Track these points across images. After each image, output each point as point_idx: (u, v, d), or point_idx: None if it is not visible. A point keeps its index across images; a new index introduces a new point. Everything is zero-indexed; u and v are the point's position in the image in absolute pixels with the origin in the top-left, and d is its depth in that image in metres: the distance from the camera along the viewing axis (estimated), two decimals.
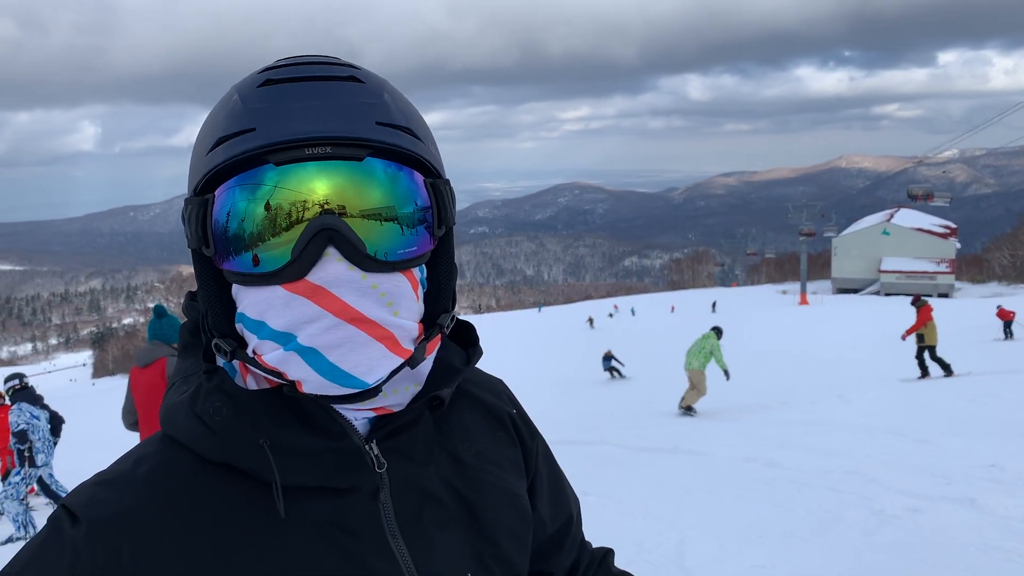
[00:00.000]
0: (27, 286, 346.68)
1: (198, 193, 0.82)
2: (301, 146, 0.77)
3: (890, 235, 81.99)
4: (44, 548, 0.82)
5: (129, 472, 0.86)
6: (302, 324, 0.78)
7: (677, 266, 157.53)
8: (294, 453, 0.83)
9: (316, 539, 0.84)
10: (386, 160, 0.80)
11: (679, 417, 13.89)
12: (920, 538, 5.64)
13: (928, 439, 9.11)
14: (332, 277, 0.78)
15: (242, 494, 0.84)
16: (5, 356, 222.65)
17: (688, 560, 5.60)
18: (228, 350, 0.84)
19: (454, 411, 1.01)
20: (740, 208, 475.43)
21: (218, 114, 0.83)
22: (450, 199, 0.88)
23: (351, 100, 0.80)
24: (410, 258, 0.82)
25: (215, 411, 0.84)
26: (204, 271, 0.85)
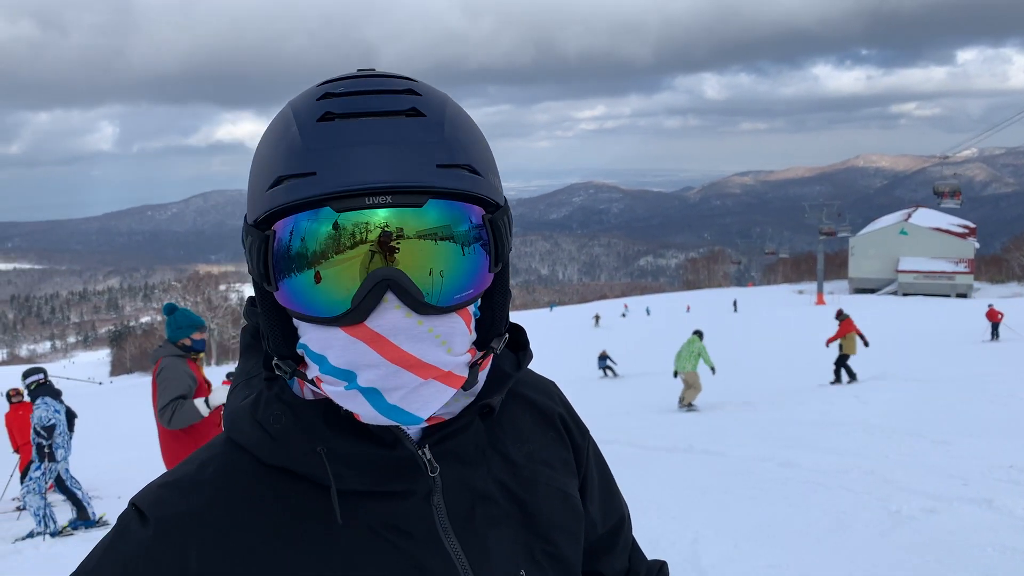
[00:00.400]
0: (46, 285, 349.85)
1: (258, 225, 0.83)
2: (361, 195, 0.78)
3: (908, 235, 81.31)
4: (115, 546, 0.86)
5: (195, 474, 0.90)
6: (362, 367, 0.81)
7: (692, 266, 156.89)
8: (349, 460, 0.87)
9: (372, 541, 0.87)
10: (446, 201, 0.81)
11: (692, 416, 13.87)
12: (936, 539, 5.60)
13: (946, 440, 9.05)
14: (390, 325, 0.80)
15: (301, 497, 0.87)
16: (24, 354, 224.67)
17: (702, 559, 5.59)
18: (289, 371, 0.88)
19: (505, 412, 1.03)
20: (756, 207, 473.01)
21: (277, 143, 0.83)
22: (507, 230, 0.88)
23: (411, 140, 0.80)
24: (465, 301, 0.84)
25: (275, 419, 0.87)
26: (265, 299, 0.87)
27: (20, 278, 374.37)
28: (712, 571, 5.34)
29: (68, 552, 7.55)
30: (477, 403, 0.94)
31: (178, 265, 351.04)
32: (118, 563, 0.85)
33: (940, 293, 72.33)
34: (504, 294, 0.93)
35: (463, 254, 0.82)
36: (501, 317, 0.93)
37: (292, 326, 0.88)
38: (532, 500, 0.99)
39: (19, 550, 8.04)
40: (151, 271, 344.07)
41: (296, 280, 0.80)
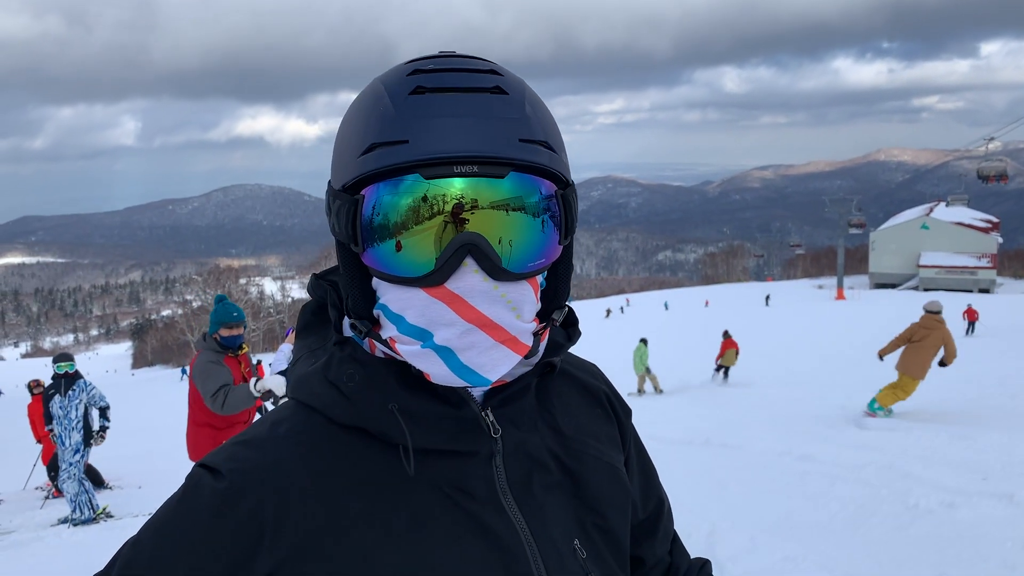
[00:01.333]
0: (69, 278, 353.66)
1: (346, 189, 0.88)
2: (450, 163, 0.82)
3: (929, 229, 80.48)
4: (186, 500, 0.89)
5: (267, 433, 0.93)
6: (439, 326, 0.86)
7: (711, 260, 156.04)
8: (419, 418, 0.90)
9: (438, 498, 0.90)
10: (525, 174, 0.86)
11: (710, 410, 13.82)
12: (955, 533, 5.56)
13: (967, 434, 8.97)
14: (468, 288, 0.85)
15: (372, 454, 0.91)
16: (48, 346, 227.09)
17: (718, 551, 5.58)
18: (364, 330, 0.92)
19: (554, 388, 1.07)
20: (776, 202, 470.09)
21: (369, 113, 0.87)
22: (576, 206, 0.94)
23: (496, 115, 0.85)
24: (537, 269, 0.89)
25: (348, 378, 0.92)
26: (347, 260, 0.92)
27: (44, 271, 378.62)
28: (729, 564, 5.33)
29: (90, 540, 7.63)
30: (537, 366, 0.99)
31: (199, 259, 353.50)
32: (190, 513, 0.88)
33: (962, 288, 71.44)
34: (568, 268, 0.98)
35: (537, 225, 0.87)
36: (564, 290, 0.98)
37: (371, 288, 0.92)
38: (582, 472, 1.02)
39: (41, 537, 8.14)
40: (172, 265, 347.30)
41: (383, 242, 0.85)
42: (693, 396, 16.72)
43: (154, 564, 0.87)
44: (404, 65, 0.90)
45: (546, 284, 0.97)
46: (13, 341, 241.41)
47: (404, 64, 0.90)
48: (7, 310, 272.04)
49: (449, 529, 0.89)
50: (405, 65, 0.90)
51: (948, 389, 13.23)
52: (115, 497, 10.25)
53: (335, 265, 1.00)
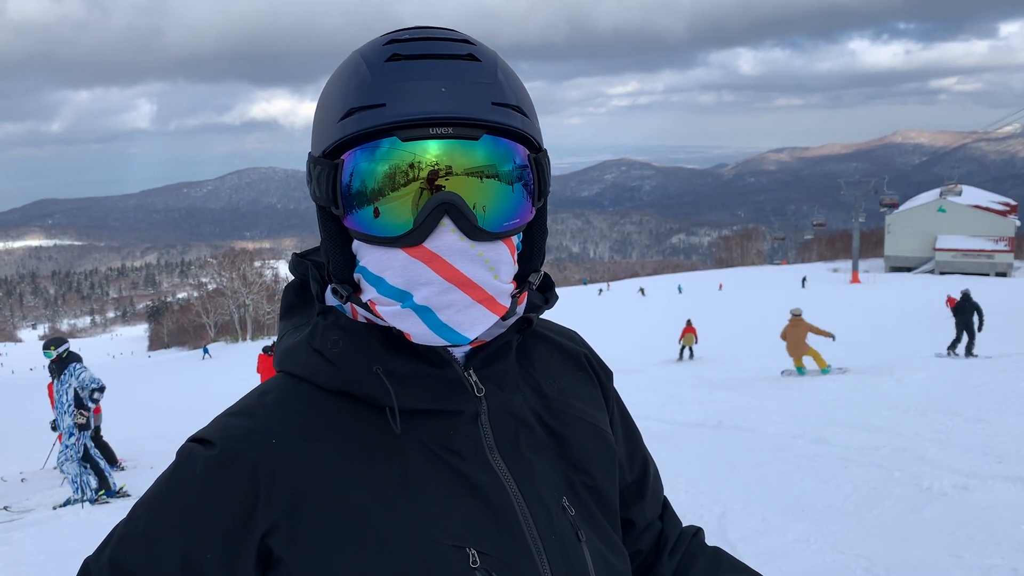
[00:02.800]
0: (85, 261, 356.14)
1: (326, 155, 0.91)
2: (426, 125, 0.85)
3: (946, 212, 79.71)
4: (179, 471, 0.91)
5: (256, 401, 0.96)
6: (418, 285, 0.88)
7: (726, 243, 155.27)
8: (404, 379, 0.93)
9: (426, 457, 0.92)
10: (498, 137, 0.89)
11: (724, 393, 13.80)
12: (968, 516, 5.55)
13: (982, 418, 8.93)
14: (446, 246, 0.87)
15: (360, 417, 0.93)
16: (65, 328, 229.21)
17: (730, 533, 5.59)
18: (345, 294, 0.94)
19: (535, 352, 1.09)
20: (791, 184, 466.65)
21: (348, 82, 0.90)
22: (549, 170, 0.97)
23: (470, 80, 0.88)
24: (513, 229, 0.92)
25: (332, 344, 0.94)
26: (328, 225, 0.94)
27: (60, 254, 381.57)
28: (740, 545, 5.34)
29: (106, 519, 7.73)
30: (514, 325, 1.01)
31: (214, 242, 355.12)
32: (184, 484, 0.90)
33: (979, 272, 70.85)
34: (542, 232, 1.01)
35: (510, 187, 0.90)
36: (539, 253, 1.01)
37: (351, 252, 0.94)
38: (566, 432, 1.03)
39: (60, 516, 8.25)
40: (187, 247, 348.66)
41: (363, 204, 0.87)
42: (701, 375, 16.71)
43: (149, 535, 0.89)
44: (382, 36, 0.93)
45: (522, 247, 0.99)
46: (31, 323, 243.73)
47: (382, 36, 0.93)
48: (25, 293, 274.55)
49: (439, 487, 0.91)
50: (383, 36, 0.93)
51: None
52: (129, 477, 10.37)
53: (316, 246, 1.04)
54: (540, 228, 1.01)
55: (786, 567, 4.89)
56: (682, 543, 1.22)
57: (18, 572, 6.10)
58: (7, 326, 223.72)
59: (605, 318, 39.91)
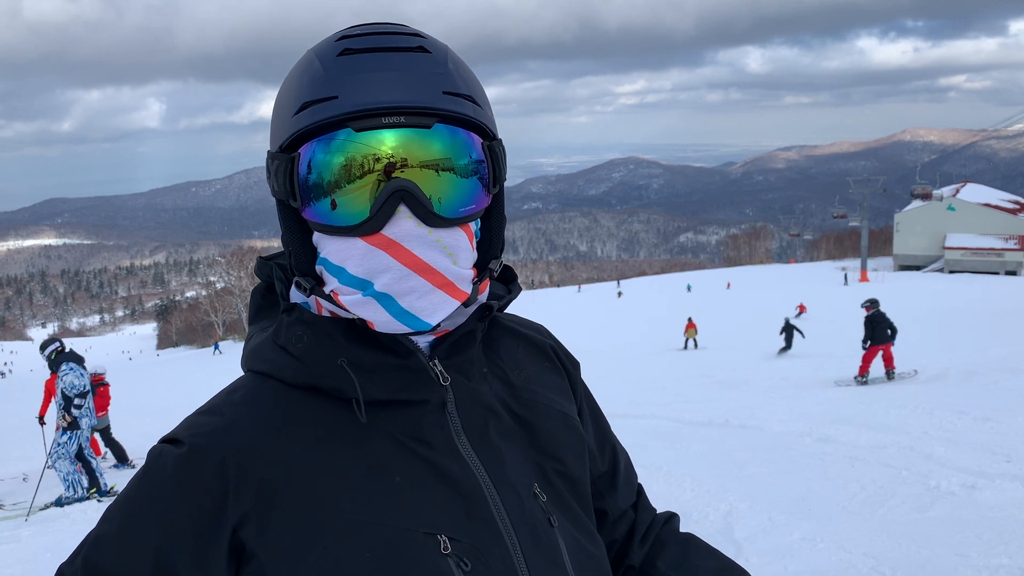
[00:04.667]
0: (95, 259, 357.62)
1: (283, 150, 0.92)
2: (378, 115, 0.87)
3: (955, 211, 79.32)
4: (150, 471, 0.92)
5: (224, 399, 0.97)
6: (378, 272, 0.89)
7: (734, 242, 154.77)
8: (369, 370, 0.94)
9: (395, 448, 0.93)
10: (451, 126, 0.91)
11: (731, 392, 13.78)
12: (976, 515, 5.52)
13: (990, 417, 8.88)
14: (404, 233, 0.89)
15: (326, 410, 0.94)
16: (75, 327, 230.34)
17: (736, 531, 5.57)
18: (308, 287, 0.95)
19: (501, 343, 1.10)
20: (799, 183, 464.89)
21: (301, 77, 0.92)
22: (503, 158, 0.98)
23: (421, 70, 0.90)
24: (469, 215, 0.93)
25: (296, 339, 0.95)
26: (288, 219, 0.95)
27: (70, 253, 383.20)
28: (746, 544, 5.32)
29: None
30: (476, 313, 1.02)
31: (222, 240, 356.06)
32: (155, 482, 0.91)
33: (988, 270, 70.50)
34: (500, 219, 1.02)
35: (465, 174, 0.92)
36: (499, 241, 1.03)
37: (312, 245, 0.95)
38: (535, 420, 1.04)
39: (68, 514, 8.29)
40: (196, 246, 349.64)
41: (320, 195, 0.89)
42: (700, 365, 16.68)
43: (122, 536, 0.90)
44: (335, 34, 0.95)
45: (481, 235, 1.00)
46: (41, 322, 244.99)
47: (335, 33, 0.96)
48: (34, 291, 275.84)
49: (408, 476, 0.91)
50: (335, 34, 0.95)
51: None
52: (124, 475, 10.41)
53: (281, 249, 1.04)
54: (498, 216, 1.02)
55: (792, 566, 4.87)
56: (653, 529, 1.21)
57: (26, 569, 6.12)
58: (17, 325, 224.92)
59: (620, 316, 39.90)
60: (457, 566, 0.89)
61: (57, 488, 9.89)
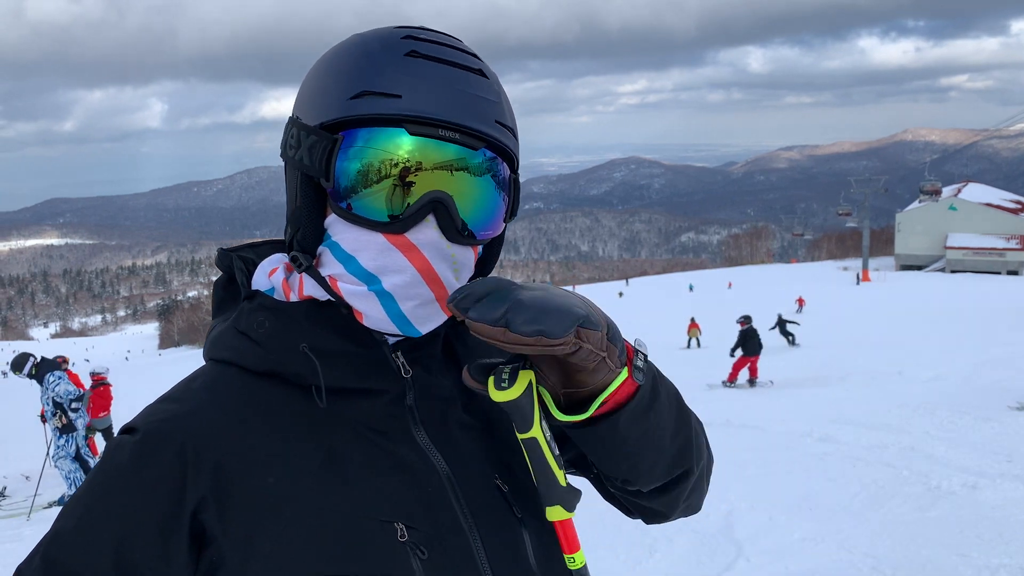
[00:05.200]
0: (97, 259, 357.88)
1: (325, 127, 0.91)
2: (436, 125, 0.88)
3: (957, 210, 79.27)
4: (107, 461, 0.91)
5: (185, 386, 0.97)
6: (390, 272, 0.90)
7: (735, 242, 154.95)
8: (330, 357, 0.93)
9: (353, 436, 0.93)
10: (494, 154, 0.94)
11: (733, 392, 13.80)
12: (977, 514, 5.52)
13: (991, 417, 8.88)
14: (426, 240, 0.90)
15: (286, 396, 0.93)
16: (76, 327, 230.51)
17: (736, 531, 5.58)
18: (305, 264, 0.95)
19: (469, 336, 1.10)
20: (801, 183, 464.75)
21: (360, 61, 0.92)
22: (519, 193, 1.02)
23: (479, 95, 0.92)
24: (487, 239, 0.97)
25: (258, 324, 0.95)
26: (307, 195, 0.94)
27: (72, 252, 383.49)
28: (747, 543, 5.33)
29: None
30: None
31: (224, 240, 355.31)
32: (113, 472, 0.89)
33: (990, 270, 70.48)
34: (500, 244, 1.05)
35: (495, 201, 0.95)
36: (493, 263, 1.06)
37: (322, 227, 0.95)
38: (498, 414, 1.01)
39: None
40: (197, 246, 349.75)
41: (358, 184, 0.89)
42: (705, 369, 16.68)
43: (81, 528, 0.88)
44: (395, 28, 0.95)
45: (482, 254, 1.02)
46: (43, 321, 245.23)
47: (394, 28, 0.95)
48: (36, 291, 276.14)
49: (366, 464, 0.91)
50: (396, 28, 0.95)
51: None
52: None
53: (243, 243, 1.07)
54: (499, 241, 1.04)
55: (793, 565, 4.88)
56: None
57: None
58: (19, 324, 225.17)
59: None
60: (414, 554, 0.88)
61: (59, 487, 9.92)
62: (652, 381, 0.92)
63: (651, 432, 0.92)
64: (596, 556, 5.16)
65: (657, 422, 0.92)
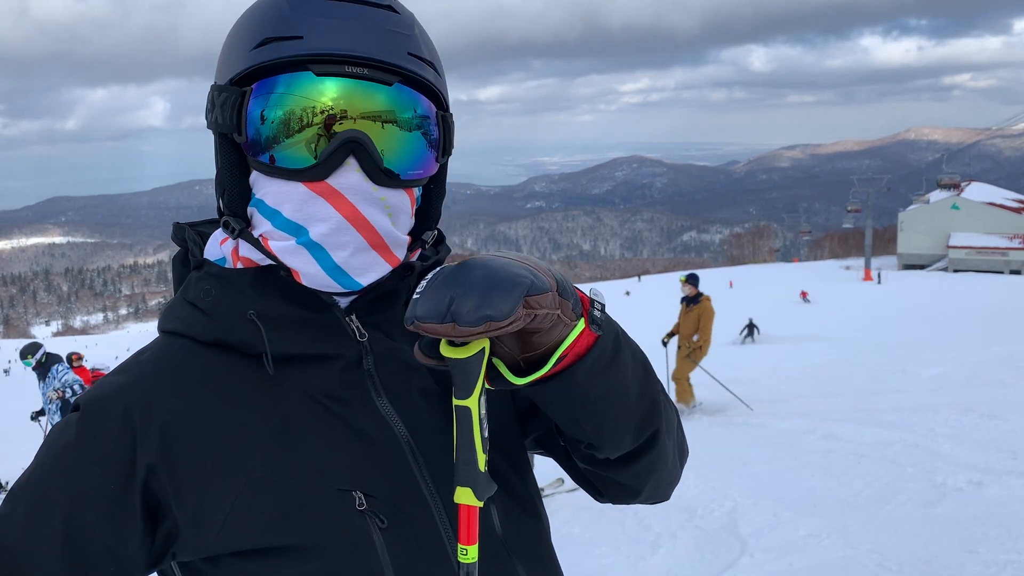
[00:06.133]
0: (98, 258, 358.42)
1: (234, 83, 0.89)
2: (342, 62, 0.85)
3: (960, 209, 79.14)
4: (53, 443, 0.89)
5: (133, 360, 0.95)
6: (315, 221, 0.87)
7: (737, 241, 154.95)
8: (279, 323, 0.90)
9: (307, 404, 0.90)
10: (410, 88, 0.90)
11: (734, 388, 13.73)
12: (983, 511, 5.47)
13: (996, 414, 8.82)
14: (348, 184, 0.87)
15: (236, 366, 0.91)
16: (78, 325, 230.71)
17: (740, 528, 5.54)
18: (237, 228, 0.92)
19: None
20: (803, 182, 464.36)
21: (265, 13, 0.89)
22: (453, 129, 0.97)
23: (388, 28, 0.88)
24: (416, 179, 0.93)
25: (205, 293, 0.93)
26: (227, 155, 0.92)
27: (73, 251, 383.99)
28: (751, 540, 5.29)
29: None
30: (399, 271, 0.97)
31: None
32: (58, 449, 0.87)
33: (993, 270, 70.36)
34: (441, 191, 1.01)
35: (416, 137, 0.90)
36: (436, 211, 1.02)
37: (247, 185, 0.92)
38: None
39: None
40: None
41: (268, 134, 0.86)
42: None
43: (28, 509, 0.85)
44: None
45: (420, 203, 0.99)
46: (44, 320, 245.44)
47: None
48: (38, 289, 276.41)
49: (322, 433, 0.89)
50: None
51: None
52: None
53: (202, 219, 1.05)
54: (439, 188, 1.01)
55: (797, 562, 4.83)
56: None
57: None
58: (21, 323, 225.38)
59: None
60: (373, 523, 0.86)
61: None
62: (614, 337, 0.87)
63: (615, 388, 0.87)
64: (599, 552, 5.13)
65: (620, 379, 0.87)
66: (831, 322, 27.13)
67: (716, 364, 18.48)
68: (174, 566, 0.91)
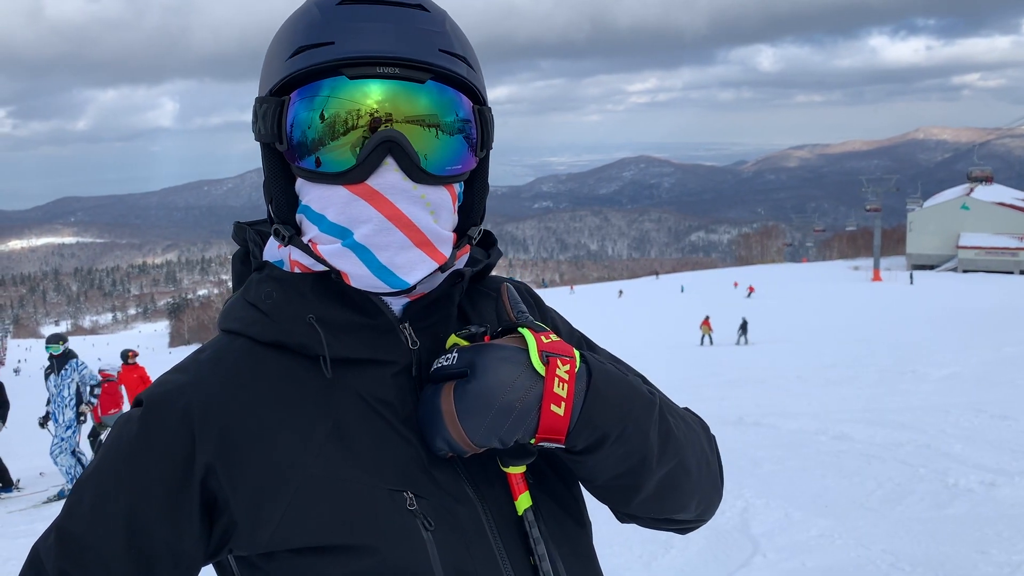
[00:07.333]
0: (107, 258, 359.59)
1: (274, 94, 0.92)
2: (373, 64, 0.87)
3: (969, 210, 78.80)
4: (115, 436, 0.93)
5: (193, 358, 0.98)
6: (359, 222, 0.89)
7: (745, 241, 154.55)
8: (337, 328, 0.93)
9: (359, 406, 0.92)
10: (443, 85, 0.91)
11: (744, 390, 13.73)
12: (996, 512, 5.47)
13: (1008, 415, 8.82)
14: (388, 185, 0.89)
15: (293, 366, 0.93)
16: (88, 325, 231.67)
17: (752, 528, 5.55)
18: (286, 235, 0.95)
19: (475, 308, 1.08)
20: (812, 182, 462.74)
21: (297, 23, 0.92)
22: (491, 125, 0.98)
23: (418, 27, 0.90)
24: (455, 174, 0.93)
25: (266, 295, 0.95)
26: (273, 165, 0.95)
27: (83, 251, 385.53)
28: (763, 540, 5.30)
29: None
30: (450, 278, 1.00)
31: (234, 240, 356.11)
32: (121, 445, 0.91)
33: (1002, 270, 70.08)
34: (484, 186, 1.03)
35: (453, 133, 0.91)
36: (480, 207, 1.03)
37: (294, 193, 0.95)
38: None
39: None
40: (208, 245, 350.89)
41: (308, 140, 0.89)
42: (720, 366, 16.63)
43: (94, 502, 0.89)
44: None
45: (463, 199, 1.00)
46: (54, 319, 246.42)
47: None
48: (48, 289, 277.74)
49: (373, 435, 0.91)
50: None
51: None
52: None
53: (263, 218, 1.06)
54: (482, 183, 1.02)
55: (810, 562, 4.84)
56: None
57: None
58: (30, 322, 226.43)
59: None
60: (422, 524, 0.88)
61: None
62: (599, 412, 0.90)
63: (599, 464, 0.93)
64: (611, 552, 5.14)
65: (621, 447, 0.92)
66: (839, 322, 27.08)
67: (722, 365, 18.49)
68: (231, 559, 0.94)
